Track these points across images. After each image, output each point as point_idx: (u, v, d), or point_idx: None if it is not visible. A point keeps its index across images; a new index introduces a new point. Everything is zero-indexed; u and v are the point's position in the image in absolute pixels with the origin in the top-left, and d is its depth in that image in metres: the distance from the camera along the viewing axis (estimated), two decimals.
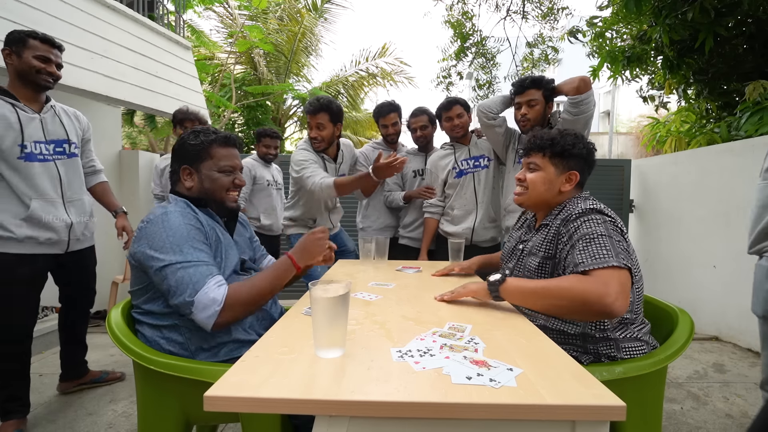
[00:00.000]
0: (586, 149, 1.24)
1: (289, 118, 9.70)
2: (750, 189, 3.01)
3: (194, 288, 1.01)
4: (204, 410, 0.63)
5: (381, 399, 0.63)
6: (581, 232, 1.09)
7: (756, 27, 3.78)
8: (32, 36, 1.72)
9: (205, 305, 1.01)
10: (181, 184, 1.22)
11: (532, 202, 1.30)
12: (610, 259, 0.99)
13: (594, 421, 0.63)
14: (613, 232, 1.07)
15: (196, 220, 1.12)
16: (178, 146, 1.22)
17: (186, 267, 1.03)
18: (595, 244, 1.04)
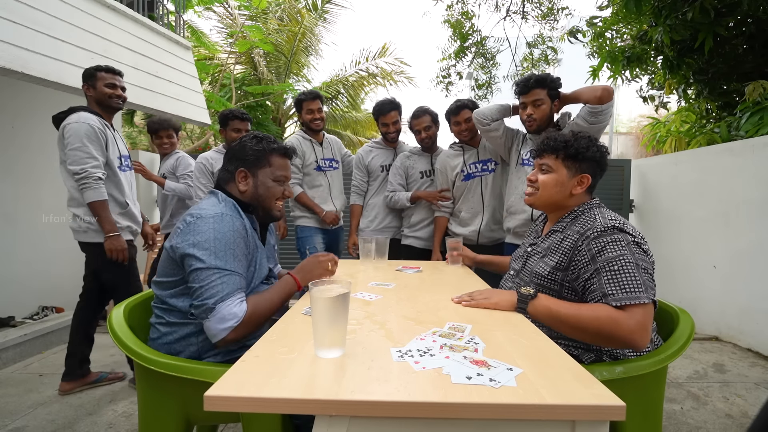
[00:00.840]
0: (600, 153, 1.24)
1: (289, 118, 9.70)
2: (750, 189, 3.02)
3: (220, 297, 1.03)
4: (204, 410, 0.63)
5: (381, 399, 0.63)
6: (607, 256, 1.07)
7: (756, 27, 3.78)
8: (99, 69, 2.12)
9: (224, 317, 1.03)
10: (233, 185, 1.24)
11: (542, 203, 1.31)
12: (640, 294, 1.00)
13: (594, 420, 0.63)
14: (639, 256, 1.06)
15: (243, 228, 1.15)
16: (238, 148, 1.25)
17: (221, 274, 1.05)
18: (625, 273, 1.03)
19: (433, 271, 1.81)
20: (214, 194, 1.22)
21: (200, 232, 1.07)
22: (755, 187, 2.99)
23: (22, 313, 2.96)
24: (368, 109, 11.41)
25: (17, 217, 3.06)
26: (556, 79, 1.97)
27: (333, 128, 9.85)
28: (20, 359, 2.62)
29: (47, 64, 2.62)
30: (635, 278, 1.01)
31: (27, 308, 3.03)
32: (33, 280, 3.03)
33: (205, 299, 1.03)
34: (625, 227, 1.11)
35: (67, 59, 2.78)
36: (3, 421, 1.89)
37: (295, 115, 9.86)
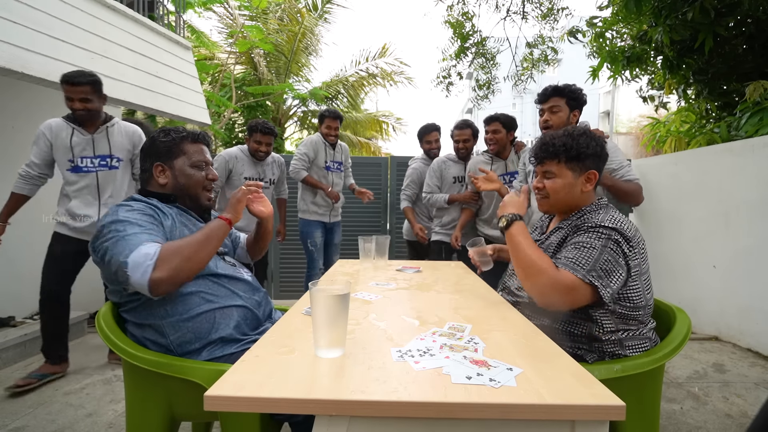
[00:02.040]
0: (599, 146, 1.23)
1: (289, 118, 9.70)
2: (750, 189, 3.02)
3: (129, 251, 0.96)
4: (205, 409, 0.63)
5: (381, 399, 0.63)
6: (578, 240, 1.12)
7: (756, 27, 3.78)
8: (63, 80, 2.15)
9: (138, 263, 0.95)
10: (153, 182, 1.22)
11: (557, 209, 1.29)
12: (581, 270, 1.05)
13: (593, 420, 0.63)
14: (610, 253, 1.07)
15: (147, 207, 1.11)
16: (148, 144, 1.23)
17: (123, 237, 0.99)
18: (583, 253, 1.08)
19: (433, 271, 1.81)
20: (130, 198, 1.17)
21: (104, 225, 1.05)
22: (755, 187, 2.99)
23: (22, 313, 2.96)
24: (368, 109, 11.42)
25: (17, 217, 3.05)
26: (577, 89, 2.02)
27: None
28: (20, 359, 2.62)
29: (47, 64, 2.62)
30: (588, 260, 1.06)
31: (27, 308, 3.02)
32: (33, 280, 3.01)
33: (116, 263, 0.96)
34: (619, 226, 1.11)
35: (66, 59, 2.78)
36: (3, 421, 1.89)
37: (296, 115, 9.88)
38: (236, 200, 1.23)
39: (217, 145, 8.15)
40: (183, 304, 1.09)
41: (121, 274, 0.96)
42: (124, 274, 0.96)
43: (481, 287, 1.49)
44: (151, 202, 1.16)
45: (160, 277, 0.96)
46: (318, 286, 0.82)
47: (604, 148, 1.25)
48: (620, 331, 1.14)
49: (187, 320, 1.09)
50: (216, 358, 1.11)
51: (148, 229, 1.05)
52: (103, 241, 1.02)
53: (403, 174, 4.47)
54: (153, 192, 1.21)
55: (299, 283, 4.35)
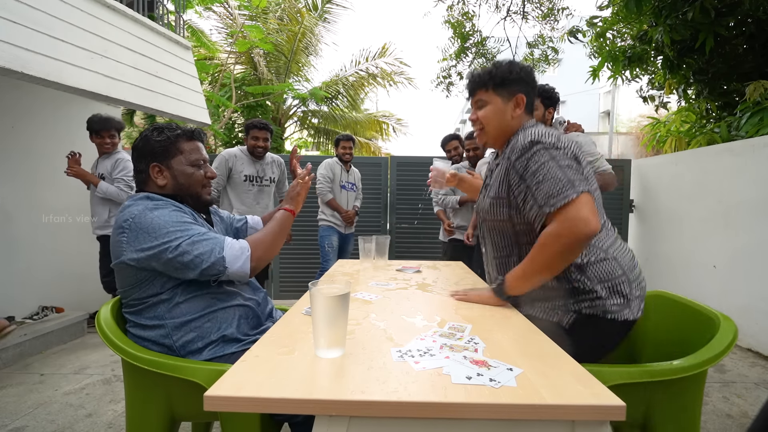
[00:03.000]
0: (524, 71, 1.26)
1: (289, 118, 9.70)
2: (750, 189, 3.02)
3: (219, 246, 1.08)
4: (204, 410, 0.63)
5: (381, 399, 0.63)
6: (531, 171, 1.12)
7: (756, 27, 3.78)
8: None
9: (236, 255, 1.09)
10: (151, 184, 1.19)
11: (493, 138, 1.30)
12: (568, 192, 1.05)
13: (593, 420, 0.63)
14: (558, 156, 1.10)
15: (177, 208, 1.12)
16: (142, 144, 1.19)
17: (200, 237, 1.07)
18: (549, 179, 1.08)
19: (433, 271, 1.81)
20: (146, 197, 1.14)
21: (145, 227, 1.03)
22: (755, 187, 2.99)
23: (22, 313, 2.96)
24: (368, 109, 11.41)
25: (17, 217, 3.06)
26: (549, 89, 2.15)
27: (333, 128, 9.85)
28: (20, 359, 2.62)
29: (47, 64, 2.62)
30: (560, 180, 1.07)
31: (27, 308, 3.03)
32: (33, 280, 3.03)
33: (209, 257, 1.06)
34: (541, 138, 1.13)
35: (66, 59, 2.78)
36: (3, 421, 1.89)
37: (295, 115, 9.88)
38: (296, 194, 1.35)
39: (217, 145, 8.15)
40: (188, 305, 1.10)
41: (217, 266, 1.07)
42: (222, 266, 1.08)
43: (481, 287, 1.49)
44: (171, 201, 1.14)
45: (255, 266, 1.14)
46: (318, 286, 0.81)
47: (530, 74, 1.28)
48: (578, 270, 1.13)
49: (191, 321, 1.10)
50: (217, 357, 1.11)
51: (202, 227, 1.13)
52: (169, 242, 1.03)
53: (404, 174, 4.47)
54: (155, 193, 1.18)
55: (299, 283, 4.36)
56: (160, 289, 1.09)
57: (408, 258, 4.27)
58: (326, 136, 9.98)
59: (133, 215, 1.06)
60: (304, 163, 3.16)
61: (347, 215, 3.51)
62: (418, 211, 4.46)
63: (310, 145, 11.05)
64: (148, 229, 1.04)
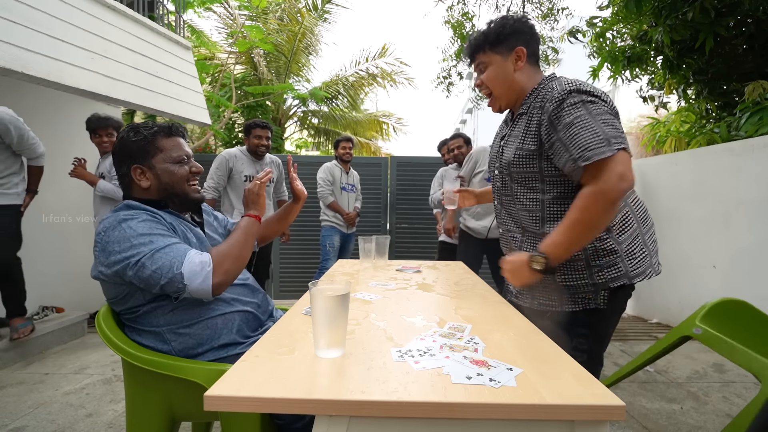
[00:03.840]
0: (518, 22, 1.21)
1: (289, 118, 9.70)
2: (750, 189, 3.02)
3: (179, 261, 0.99)
4: (204, 410, 0.63)
5: (381, 399, 0.63)
6: (565, 122, 1.04)
7: (756, 27, 3.78)
8: None
9: (195, 271, 0.99)
10: (135, 187, 1.14)
11: (505, 98, 1.24)
12: (604, 149, 0.99)
13: (593, 420, 0.63)
14: (596, 110, 1.03)
15: (151, 215, 1.07)
16: (119, 147, 1.13)
17: (161, 250, 0.99)
18: (585, 132, 1.01)
19: (433, 271, 1.81)
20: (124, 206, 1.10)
21: (115, 240, 1.00)
22: (755, 187, 2.99)
23: None
24: (368, 109, 11.41)
25: None
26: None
27: (333, 128, 9.85)
28: (20, 359, 2.62)
29: (47, 64, 2.62)
30: (597, 134, 1.00)
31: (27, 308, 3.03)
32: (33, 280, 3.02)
33: (167, 273, 0.97)
34: (581, 86, 1.07)
35: (66, 59, 2.78)
36: (3, 421, 1.89)
37: (295, 115, 9.88)
38: (255, 195, 1.25)
39: (217, 145, 8.15)
40: (184, 313, 1.08)
41: (175, 283, 0.98)
42: (180, 283, 0.98)
43: (481, 287, 1.49)
44: (148, 209, 1.10)
45: (219, 282, 1.03)
46: (318, 286, 0.82)
47: (524, 23, 1.22)
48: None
49: (188, 327, 1.08)
50: (221, 358, 1.11)
51: (173, 237, 1.05)
52: (130, 257, 0.98)
53: (404, 174, 4.47)
54: (140, 198, 1.14)
55: (299, 283, 4.36)
56: (143, 300, 1.06)
57: (408, 258, 4.27)
58: (326, 136, 9.98)
59: (104, 228, 1.03)
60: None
61: (349, 217, 3.62)
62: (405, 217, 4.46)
63: (310, 145, 11.05)
64: (114, 243, 1.00)
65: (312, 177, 4.39)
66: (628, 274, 1.13)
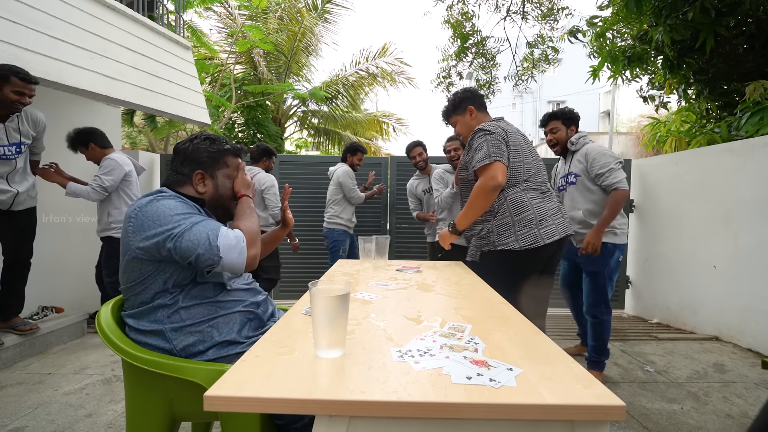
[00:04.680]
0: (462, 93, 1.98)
1: (289, 118, 9.70)
2: (750, 189, 3.02)
3: (215, 234, 1.05)
4: (204, 410, 0.63)
5: (381, 399, 0.63)
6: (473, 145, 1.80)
7: (756, 27, 3.78)
8: (15, 73, 2.20)
9: (231, 245, 1.06)
10: (188, 188, 1.21)
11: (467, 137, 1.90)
12: (484, 159, 1.71)
13: (593, 420, 0.63)
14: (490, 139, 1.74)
15: (182, 201, 1.13)
16: (192, 150, 1.22)
17: (198, 223, 1.06)
18: (479, 152, 1.75)
19: (433, 271, 1.81)
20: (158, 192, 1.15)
21: (152, 215, 1.05)
22: (755, 187, 2.99)
23: (22, 313, 2.96)
24: (368, 109, 11.41)
25: None
26: (568, 111, 2.50)
27: (333, 128, 9.85)
28: (20, 359, 2.62)
29: (47, 63, 2.62)
30: (484, 151, 1.72)
31: (27, 308, 3.02)
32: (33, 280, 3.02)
33: (203, 244, 1.03)
34: (484, 126, 1.79)
35: (66, 59, 2.78)
36: (3, 421, 1.89)
37: (295, 115, 9.87)
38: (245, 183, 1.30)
39: None
40: (188, 312, 1.10)
41: (211, 256, 1.04)
42: (216, 256, 1.04)
43: (482, 287, 1.49)
44: (180, 197, 1.15)
45: (254, 255, 1.11)
46: (318, 286, 0.81)
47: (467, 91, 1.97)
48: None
49: (189, 326, 1.10)
50: (221, 357, 1.11)
51: (206, 217, 1.12)
52: (172, 228, 1.03)
53: (404, 174, 4.47)
54: (183, 194, 1.19)
55: (299, 283, 4.35)
56: (162, 286, 1.08)
57: (408, 258, 4.27)
58: (326, 136, 9.98)
59: (140, 205, 1.08)
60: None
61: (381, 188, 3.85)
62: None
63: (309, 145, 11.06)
64: (153, 217, 1.05)
65: (313, 177, 4.40)
66: (494, 243, 1.76)
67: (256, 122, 8.02)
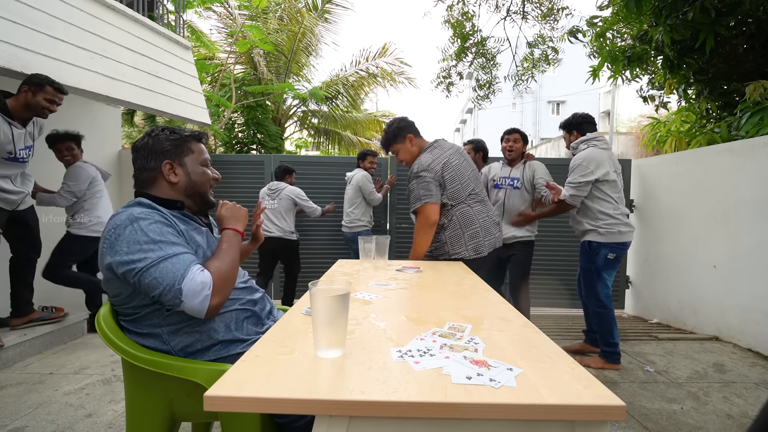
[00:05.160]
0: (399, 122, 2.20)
1: (289, 118, 9.70)
2: (750, 189, 3.02)
3: (181, 275, 1.00)
4: (204, 410, 0.63)
5: (381, 399, 0.63)
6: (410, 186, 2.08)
7: (756, 27, 3.78)
8: (50, 83, 2.41)
9: (195, 291, 1.00)
10: (160, 182, 1.17)
11: (409, 163, 2.17)
12: (416, 202, 2.02)
13: (593, 420, 0.63)
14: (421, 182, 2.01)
15: (163, 217, 1.08)
16: (153, 142, 1.17)
17: (167, 259, 1.01)
18: (414, 192, 2.04)
19: (433, 271, 1.81)
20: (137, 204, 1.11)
21: (124, 239, 1.01)
22: (755, 187, 2.99)
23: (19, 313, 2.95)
24: (368, 109, 11.41)
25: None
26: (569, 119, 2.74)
27: (333, 128, 9.85)
28: (20, 359, 2.62)
29: (47, 63, 2.62)
30: (415, 194, 2.02)
31: None
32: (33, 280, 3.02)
33: (168, 286, 0.98)
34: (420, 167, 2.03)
35: (66, 59, 2.78)
36: (3, 421, 1.89)
37: (295, 115, 9.87)
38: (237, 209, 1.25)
39: (217, 145, 8.14)
40: (181, 314, 1.07)
41: (172, 298, 1.00)
42: (177, 299, 1.00)
43: (481, 287, 1.49)
44: (161, 210, 1.11)
45: (217, 303, 1.04)
46: (318, 286, 0.81)
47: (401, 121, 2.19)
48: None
49: (186, 326, 1.09)
50: (222, 357, 1.11)
51: (182, 245, 1.06)
52: (137, 261, 0.99)
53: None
54: (155, 197, 1.16)
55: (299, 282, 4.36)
56: (148, 300, 1.06)
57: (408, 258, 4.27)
58: (326, 136, 9.98)
59: (116, 225, 1.03)
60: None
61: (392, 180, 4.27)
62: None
63: (309, 145, 11.05)
64: (123, 243, 1.01)
65: (313, 177, 4.40)
66: (448, 253, 2.08)
67: (256, 122, 8.02)
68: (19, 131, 2.43)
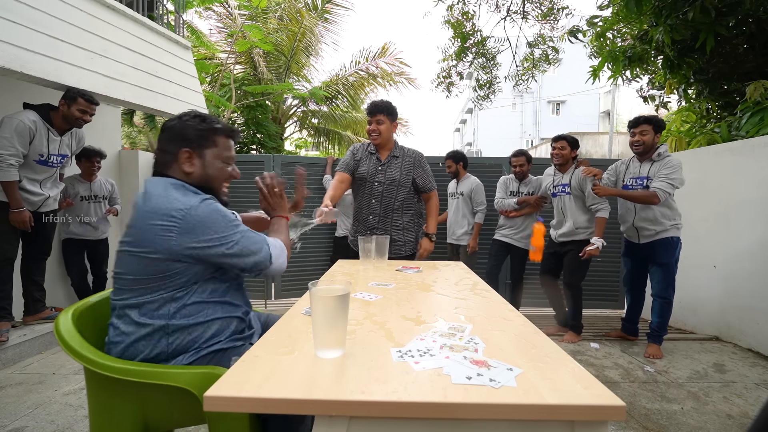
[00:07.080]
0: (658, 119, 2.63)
1: (289, 118, 9.70)
2: (750, 189, 3.01)
3: (265, 242, 1.15)
4: (204, 410, 0.63)
5: (381, 399, 0.63)
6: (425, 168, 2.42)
7: (757, 26, 3.78)
8: (83, 96, 2.64)
9: (278, 254, 1.18)
10: (174, 168, 1.14)
11: (383, 142, 2.31)
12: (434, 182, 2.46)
13: (593, 420, 0.63)
14: None
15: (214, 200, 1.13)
16: (178, 126, 1.15)
17: (246, 234, 1.12)
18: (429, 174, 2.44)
19: (433, 271, 1.81)
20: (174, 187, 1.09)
21: (209, 219, 1.04)
22: (755, 187, 2.98)
23: (19, 313, 2.96)
24: None
25: None
26: (661, 120, 2.81)
27: (333, 128, 9.85)
28: (20, 359, 2.62)
29: (46, 63, 2.62)
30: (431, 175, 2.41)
31: None
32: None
33: (259, 252, 1.12)
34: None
35: (66, 59, 2.78)
36: (3, 421, 1.89)
37: (295, 115, 9.87)
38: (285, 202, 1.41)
39: None
40: (194, 307, 1.06)
41: (263, 260, 1.13)
42: (268, 261, 1.15)
43: (482, 287, 1.49)
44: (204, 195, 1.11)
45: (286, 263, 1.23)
46: (318, 287, 0.81)
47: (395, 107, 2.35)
48: None
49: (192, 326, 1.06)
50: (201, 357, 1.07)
51: None
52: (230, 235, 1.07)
53: None
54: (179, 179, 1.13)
55: (300, 282, 4.36)
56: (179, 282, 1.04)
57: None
58: (326, 136, 9.98)
59: (187, 206, 1.02)
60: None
61: None
62: None
63: (309, 145, 11.05)
64: (206, 222, 1.03)
65: (312, 177, 4.39)
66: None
67: (256, 122, 8.02)
68: (55, 138, 2.66)
